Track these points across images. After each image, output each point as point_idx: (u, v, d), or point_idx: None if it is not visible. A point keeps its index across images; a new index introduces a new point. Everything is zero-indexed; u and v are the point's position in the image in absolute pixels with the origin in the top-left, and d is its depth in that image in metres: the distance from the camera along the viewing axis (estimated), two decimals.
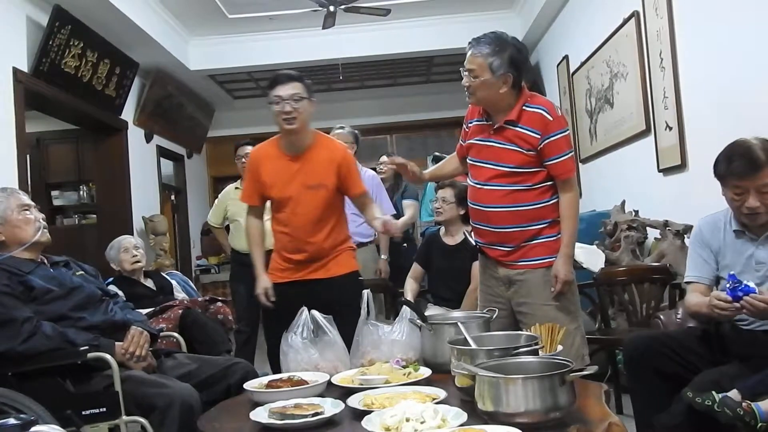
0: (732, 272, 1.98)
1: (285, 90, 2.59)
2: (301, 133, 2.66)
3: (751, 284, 1.90)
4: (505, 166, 2.36)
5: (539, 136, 2.31)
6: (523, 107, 2.34)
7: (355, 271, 2.80)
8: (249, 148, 4.34)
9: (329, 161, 2.67)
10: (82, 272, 2.42)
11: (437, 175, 2.94)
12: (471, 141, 2.49)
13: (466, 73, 2.34)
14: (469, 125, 2.53)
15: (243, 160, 4.32)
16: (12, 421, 1.07)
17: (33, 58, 4.39)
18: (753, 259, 2.09)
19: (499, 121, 2.37)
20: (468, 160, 2.53)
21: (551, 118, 2.32)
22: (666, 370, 2.16)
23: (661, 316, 2.60)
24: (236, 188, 4.44)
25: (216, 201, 4.63)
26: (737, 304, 1.91)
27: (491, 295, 2.51)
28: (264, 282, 2.72)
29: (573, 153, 2.41)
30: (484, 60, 2.29)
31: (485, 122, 2.44)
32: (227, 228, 4.53)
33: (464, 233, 2.64)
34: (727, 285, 1.95)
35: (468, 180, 2.55)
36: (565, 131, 2.36)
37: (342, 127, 4.13)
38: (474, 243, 2.56)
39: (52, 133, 6.90)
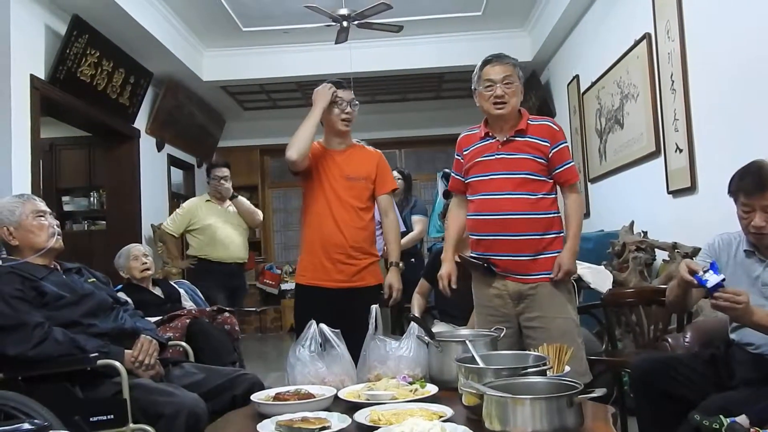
0: (713, 261, 2.03)
1: (348, 95, 2.90)
2: (345, 136, 2.96)
3: (712, 279, 1.92)
4: (521, 174, 2.45)
5: (549, 144, 2.46)
6: (529, 121, 2.50)
7: (381, 283, 2.96)
8: (226, 170, 4.60)
9: (369, 158, 2.95)
10: (94, 279, 2.44)
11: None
12: (476, 160, 2.54)
13: (500, 83, 2.46)
14: (465, 153, 2.60)
15: (223, 182, 4.55)
16: (26, 426, 1.08)
17: (50, 65, 4.46)
18: (759, 281, 2.10)
19: (507, 134, 2.48)
20: (473, 178, 2.56)
21: (557, 129, 2.51)
22: (673, 392, 2.15)
23: (669, 339, 2.58)
24: (207, 201, 4.61)
25: (180, 211, 4.63)
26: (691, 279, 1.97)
27: (493, 315, 2.51)
28: None
29: (574, 163, 2.58)
30: (514, 68, 2.49)
31: (490, 140, 2.52)
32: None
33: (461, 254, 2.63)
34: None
35: (472, 195, 2.57)
36: (566, 142, 2.55)
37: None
38: (473, 260, 2.53)
39: (65, 139, 6.98)
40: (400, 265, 2.91)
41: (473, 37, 6.47)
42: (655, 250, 3.84)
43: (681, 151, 3.65)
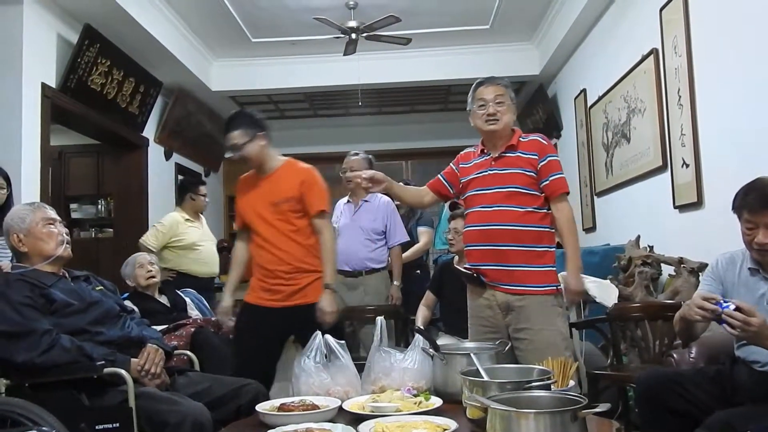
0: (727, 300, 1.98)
1: (227, 141, 2.92)
2: (260, 164, 2.95)
3: (731, 306, 1.90)
4: (510, 187, 2.53)
5: (537, 157, 2.54)
6: (520, 138, 2.61)
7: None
8: (204, 188, 4.87)
9: (294, 177, 2.89)
10: (102, 287, 2.45)
11: (400, 195, 2.86)
12: (471, 176, 2.64)
13: (492, 102, 2.56)
14: (461, 166, 2.72)
15: (206, 198, 4.90)
16: None
17: (61, 74, 4.50)
18: (764, 299, 2.09)
19: (499, 150, 2.58)
20: (469, 193, 2.65)
21: (546, 143, 2.60)
22: (678, 408, 2.15)
23: (674, 354, 2.57)
24: (186, 219, 4.71)
25: (161, 228, 4.64)
26: (715, 307, 1.92)
27: (485, 326, 2.55)
28: (227, 302, 2.97)
29: (565, 178, 2.58)
30: (505, 89, 2.60)
31: (485, 157, 2.63)
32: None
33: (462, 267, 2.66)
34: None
35: (468, 209, 2.66)
36: (557, 156, 2.59)
37: (356, 153, 4.18)
38: (464, 271, 2.58)
39: (73, 147, 7.01)
40: (332, 285, 2.80)
41: (481, 50, 6.51)
42: (662, 264, 3.83)
43: (687, 166, 3.65)
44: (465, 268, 2.60)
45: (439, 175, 2.80)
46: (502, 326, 2.51)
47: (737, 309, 1.88)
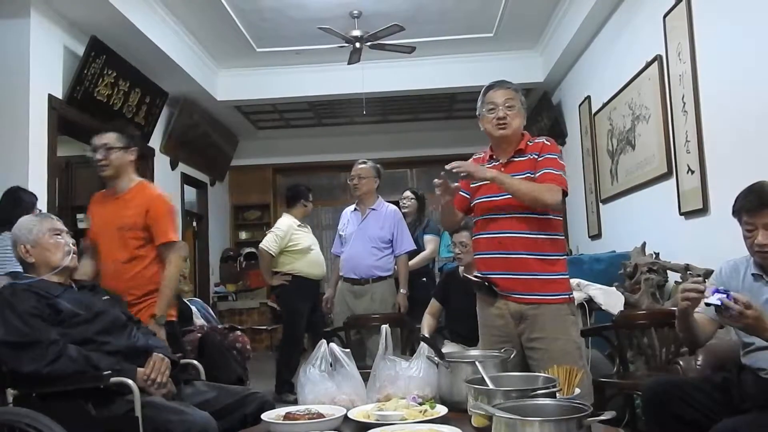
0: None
1: (98, 140, 2.86)
2: (117, 178, 2.88)
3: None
4: None
5: (537, 157, 2.50)
6: (528, 142, 2.57)
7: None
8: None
9: (141, 204, 2.83)
10: (108, 297, 2.46)
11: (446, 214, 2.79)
12: (480, 183, 2.57)
13: (502, 106, 2.51)
14: None
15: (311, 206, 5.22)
16: None
17: (68, 85, 4.55)
18: None
19: (508, 155, 2.54)
20: (478, 200, 2.60)
21: (549, 144, 2.55)
22: (685, 416, 2.14)
23: (681, 362, 2.57)
24: (299, 225, 4.91)
25: (280, 233, 4.83)
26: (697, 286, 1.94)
27: (496, 335, 2.51)
28: None
29: (562, 175, 2.46)
30: (515, 93, 2.56)
31: (494, 163, 2.59)
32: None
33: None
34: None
35: (477, 216, 2.61)
36: (558, 156, 2.52)
37: (365, 162, 4.19)
38: (475, 279, 2.54)
39: (80, 157, 7.04)
40: (159, 319, 2.76)
41: (485, 57, 6.53)
42: (668, 271, 3.82)
43: (693, 172, 3.65)
44: (476, 276, 2.57)
45: (460, 191, 2.67)
46: (514, 336, 2.46)
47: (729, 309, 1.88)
